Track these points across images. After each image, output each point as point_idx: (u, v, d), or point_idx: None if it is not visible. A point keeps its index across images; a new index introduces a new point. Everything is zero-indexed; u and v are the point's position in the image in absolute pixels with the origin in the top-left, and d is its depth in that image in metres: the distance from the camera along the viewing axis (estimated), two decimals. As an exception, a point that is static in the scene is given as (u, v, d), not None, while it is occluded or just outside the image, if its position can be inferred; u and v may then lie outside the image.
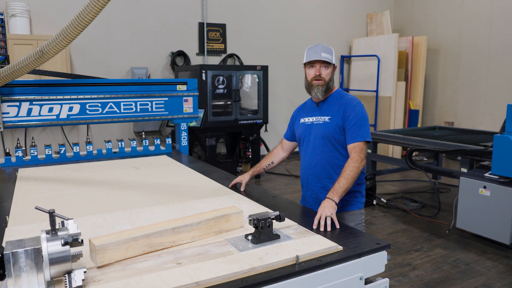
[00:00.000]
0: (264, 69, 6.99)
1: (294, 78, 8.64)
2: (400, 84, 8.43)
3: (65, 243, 1.24)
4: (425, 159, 7.94)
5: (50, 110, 3.37)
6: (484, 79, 8.06)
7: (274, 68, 8.06)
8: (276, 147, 2.80)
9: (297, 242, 1.64)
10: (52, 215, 1.28)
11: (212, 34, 7.61)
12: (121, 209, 2.11)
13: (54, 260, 1.23)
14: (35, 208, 1.35)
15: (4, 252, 1.19)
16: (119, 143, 3.73)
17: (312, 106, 2.55)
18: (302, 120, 2.57)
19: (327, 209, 1.92)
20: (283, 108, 8.56)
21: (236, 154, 7.29)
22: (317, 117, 2.48)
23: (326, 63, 2.41)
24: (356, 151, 2.28)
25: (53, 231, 1.27)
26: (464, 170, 4.48)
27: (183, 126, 3.95)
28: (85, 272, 1.29)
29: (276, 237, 1.66)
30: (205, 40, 7.53)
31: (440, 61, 8.87)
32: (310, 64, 2.44)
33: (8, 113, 3.23)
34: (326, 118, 2.43)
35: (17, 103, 3.25)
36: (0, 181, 2.90)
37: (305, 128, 2.52)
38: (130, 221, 1.92)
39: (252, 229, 1.67)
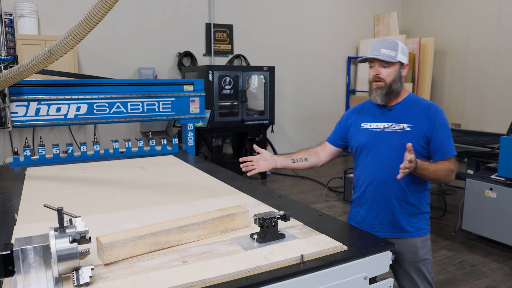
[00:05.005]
0: (271, 70, 7.00)
1: (301, 79, 8.65)
2: (407, 86, 8.37)
3: (73, 241, 1.26)
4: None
5: (58, 110, 3.40)
6: (492, 81, 8.01)
7: (281, 69, 8.06)
8: (315, 147, 2.42)
9: (302, 241, 1.65)
10: (60, 212, 1.30)
11: (219, 35, 7.63)
12: (128, 208, 2.13)
13: (62, 257, 1.25)
14: (44, 206, 1.37)
15: (13, 249, 1.21)
16: (126, 143, 3.75)
17: (380, 109, 2.18)
18: (364, 125, 2.20)
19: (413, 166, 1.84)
20: (290, 109, 8.57)
21: (242, 154, 7.30)
22: (390, 123, 2.11)
23: (386, 61, 2.06)
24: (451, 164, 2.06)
25: (61, 229, 1.29)
26: (470, 172, 4.46)
27: (190, 126, 3.97)
28: (92, 269, 1.31)
29: (281, 236, 1.67)
30: (212, 40, 7.55)
31: (447, 63, 8.82)
32: (370, 62, 2.12)
33: (16, 112, 3.27)
34: (406, 126, 2.07)
35: (26, 103, 3.28)
36: (8, 180, 2.93)
37: (371, 135, 2.15)
38: (136, 219, 1.93)
39: (257, 229, 1.68)
